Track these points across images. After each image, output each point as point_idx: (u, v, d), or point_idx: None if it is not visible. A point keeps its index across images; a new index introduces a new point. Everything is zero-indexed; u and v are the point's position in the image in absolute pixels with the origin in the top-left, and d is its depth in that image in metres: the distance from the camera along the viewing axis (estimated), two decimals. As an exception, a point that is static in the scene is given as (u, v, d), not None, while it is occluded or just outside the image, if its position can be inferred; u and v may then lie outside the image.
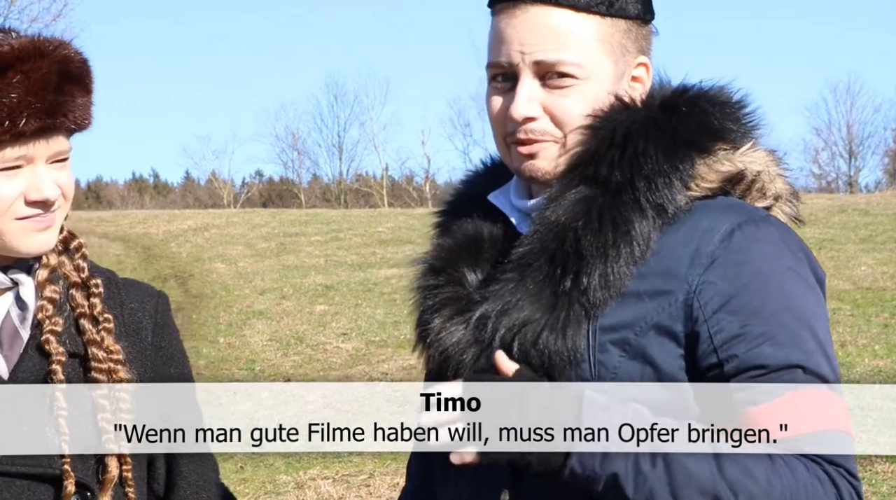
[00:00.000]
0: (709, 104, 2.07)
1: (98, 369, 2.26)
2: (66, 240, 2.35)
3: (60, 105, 2.20)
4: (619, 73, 2.07)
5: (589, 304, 1.96)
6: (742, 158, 2.06)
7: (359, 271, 18.75)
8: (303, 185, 67.56)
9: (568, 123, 2.04)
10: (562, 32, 2.02)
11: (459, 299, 2.08)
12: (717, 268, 1.94)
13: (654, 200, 1.98)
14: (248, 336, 14.39)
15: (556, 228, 1.99)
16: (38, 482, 2.22)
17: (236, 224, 27.86)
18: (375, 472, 8.55)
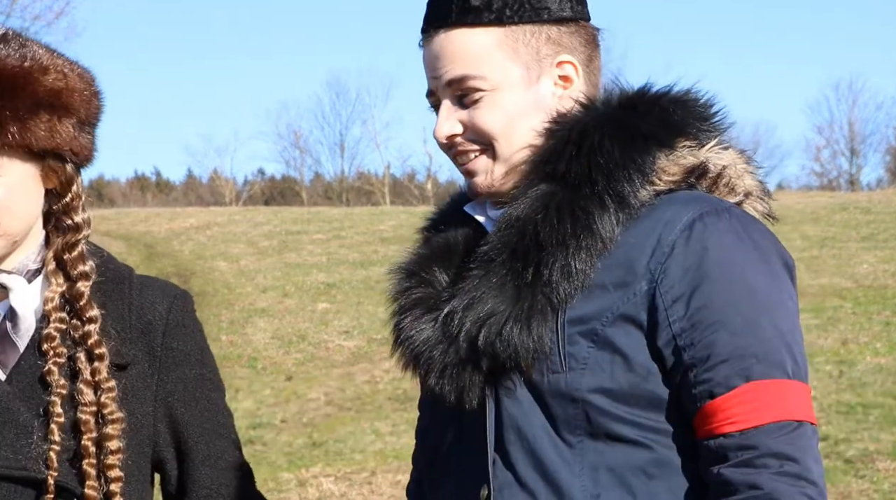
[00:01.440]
0: (670, 102, 2.10)
1: (86, 412, 2.23)
2: (72, 263, 2.31)
3: None
4: (535, 76, 2.10)
5: (553, 296, 1.99)
6: (708, 154, 2.08)
7: (361, 269, 18.76)
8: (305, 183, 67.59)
9: (487, 134, 2.09)
10: (460, 51, 2.09)
11: (429, 299, 2.11)
12: (676, 257, 1.96)
13: (614, 192, 2.00)
14: (250, 334, 14.40)
15: (517, 223, 2.02)
16: (24, 486, 2.21)
17: (238, 222, 27.87)
18: (377, 470, 8.57)
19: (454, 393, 2.03)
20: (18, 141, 2.18)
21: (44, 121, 2.21)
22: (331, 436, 9.70)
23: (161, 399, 2.36)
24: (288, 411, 10.77)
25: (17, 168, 2.22)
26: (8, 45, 2.23)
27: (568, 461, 1.99)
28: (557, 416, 1.99)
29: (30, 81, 2.21)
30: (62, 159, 2.27)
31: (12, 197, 2.22)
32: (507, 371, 2.01)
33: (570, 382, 1.98)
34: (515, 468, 2.01)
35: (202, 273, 19.66)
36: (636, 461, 1.98)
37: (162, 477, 2.43)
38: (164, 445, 2.39)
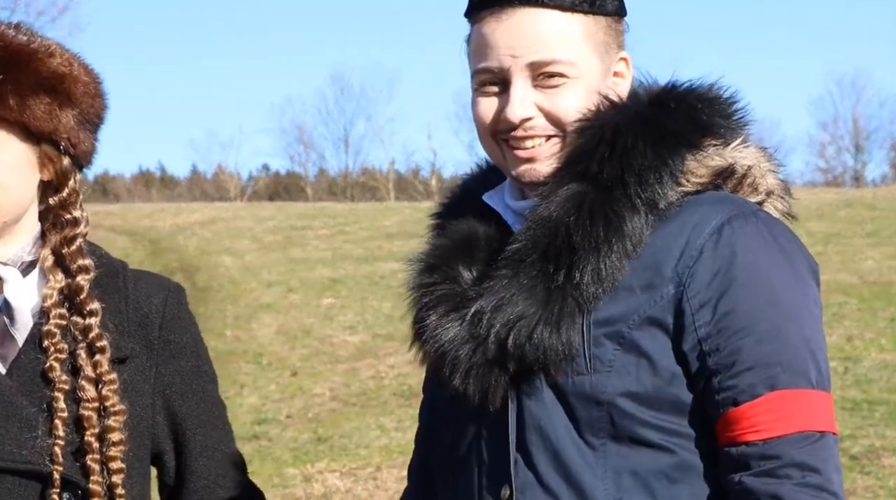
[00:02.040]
0: (697, 100, 2.08)
1: (88, 407, 2.24)
2: (71, 258, 2.31)
3: None
4: (605, 69, 2.09)
5: (582, 298, 1.97)
6: (732, 154, 2.07)
7: (365, 265, 18.76)
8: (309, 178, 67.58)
9: (564, 120, 2.06)
10: (551, 33, 2.04)
11: (454, 296, 2.09)
12: (704, 261, 1.95)
13: (645, 195, 1.99)
14: (255, 329, 14.41)
15: (549, 224, 2.00)
16: (28, 479, 2.21)
17: (243, 218, 27.86)
18: (382, 465, 8.57)
19: (479, 394, 2.02)
20: (17, 116, 2.19)
21: (44, 102, 2.22)
22: (336, 431, 9.71)
23: (159, 392, 2.37)
24: (293, 406, 10.77)
25: (15, 147, 2.22)
26: (18, 31, 2.26)
27: (591, 464, 1.98)
28: (581, 418, 1.98)
29: (34, 60, 2.22)
30: (59, 149, 2.27)
31: (8, 175, 2.22)
32: (533, 373, 2.00)
33: (595, 384, 1.97)
34: (538, 468, 2.00)
35: (207, 268, 19.67)
36: (659, 465, 1.97)
37: (160, 469, 2.44)
38: (162, 437, 2.40)
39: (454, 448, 2.14)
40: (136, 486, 2.33)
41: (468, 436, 2.10)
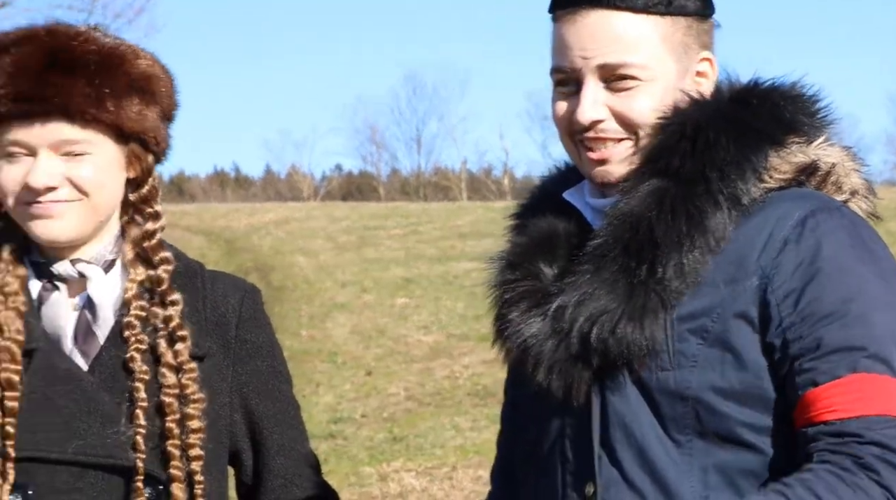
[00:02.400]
0: (780, 98, 2.06)
1: (169, 394, 2.27)
2: (152, 251, 2.35)
3: (41, 90, 2.18)
4: (683, 70, 2.07)
5: (665, 293, 1.96)
6: (816, 151, 2.05)
7: (439, 265, 18.78)
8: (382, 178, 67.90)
9: (636, 123, 2.05)
10: (623, 36, 2.03)
11: (536, 292, 2.08)
12: (788, 253, 1.94)
13: (727, 190, 1.98)
14: (329, 329, 14.49)
15: (630, 219, 1.99)
16: (110, 473, 2.24)
17: (317, 217, 28.04)
18: (458, 465, 8.57)
19: (562, 389, 2.01)
20: (114, 118, 2.23)
21: (135, 103, 2.26)
22: (411, 431, 9.72)
23: (236, 390, 2.40)
24: (368, 405, 10.81)
25: (107, 149, 2.27)
26: (101, 33, 2.29)
27: (676, 461, 1.96)
28: (666, 414, 1.96)
29: (125, 62, 2.26)
30: (146, 147, 2.32)
31: (104, 175, 2.27)
32: (617, 368, 1.98)
33: (679, 379, 1.95)
34: (622, 465, 1.99)
35: (281, 268, 19.81)
36: (745, 462, 1.95)
37: (237, 468, 2.47)
38: (240, 435, 2.42)
39: (537, 445, 2.13)
40: (214, 482, 2.35)
41: (551, 433, 2.09)
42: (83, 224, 2.27)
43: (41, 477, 2.22)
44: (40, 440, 2.21)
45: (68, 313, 2.30)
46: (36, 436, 2.21)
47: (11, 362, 2.22)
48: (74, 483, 2.22)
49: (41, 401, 2.23)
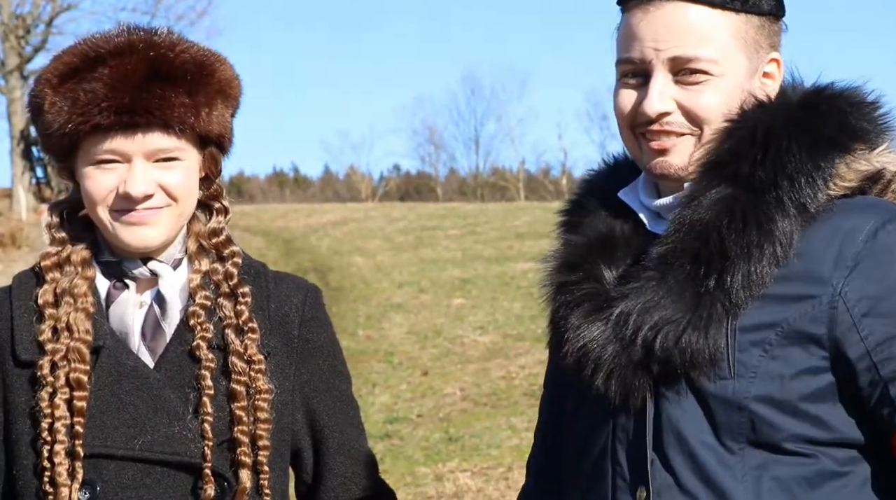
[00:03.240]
0: (846, 104, 2.05)
1: (238, 381, 2.30)
2: (222, 246, 2.40)
3: (144, 102, 2.21)
4: (752, 69, 2.06)
5: (730, 303, 1.95)
6: (879, 158, 2.04)
7: (496, 265, 18.76)
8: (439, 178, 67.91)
9: (703, 118, 2.04)
10: (697, 29, 2.02)
11: (598, 296, 2.08)
12: (862, 270, 1.92)
13: (797, 198, 1.96)
14: (386, 329, 14.51)
15: (699, 228, 1.98)
16: (177, 470, 2.28)
17: (374, 218, 28.12)
18: (514, 465, 8.56)
19: (620, 395, 2.01)
20: (206, 126, 2.28)
21: (219, 108, 2.31)
22: (467, 431, 9.72)
23: (298, 389, 2.42)
24: (424, 405, 10.82)
25: (193, 154, 2.32)
26: (184, 40, 2.32)
27: (730, 468, 1.96)
28: (721, 422, 1.96)
29: (214, 70, 2.31)
30: (222, 148, 2.38)
31: (191, 180, 2.33)
32: (677, 376, 1.98)
33: (737, 389, 1.95)
34: (675, 471, 1.99)
35: (339, 268, 19.89)
36: (800, 471, 1.95)
37: (297, 467, 2.49)
38: (301, 434, 2.45)
39: (586, 448, 2.13)
40: (277, 479, 2.38)
41: (602, 436, 2.09)
42: (172, 229, 2.32)
43: (109, 474, 2.26)
44: (108, 437, 2.26)
45: (136, 311, 2.34)
46: (103, 434, 2.26)
47: (80, 362, 2.27)
48: (142, 480, 2.26)
49: (108, 399, 2.28)
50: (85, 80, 2.22)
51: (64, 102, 2.23)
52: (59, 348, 2.27)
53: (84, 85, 2.22)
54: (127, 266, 2.34)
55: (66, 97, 2.23)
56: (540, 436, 2.36)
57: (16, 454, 2.29)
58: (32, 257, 20.87)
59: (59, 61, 2.28)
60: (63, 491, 2.23)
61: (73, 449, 2.24)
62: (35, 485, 2.26)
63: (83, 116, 2.21)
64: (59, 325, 2.29)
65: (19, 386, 2.29)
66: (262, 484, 2.32)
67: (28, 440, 2.27)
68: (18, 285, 2.37)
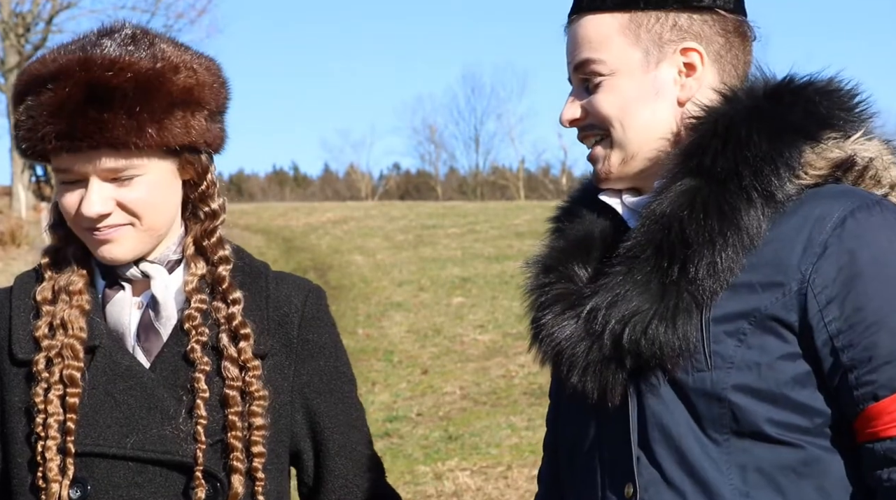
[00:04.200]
0: (815, 93, 2.05)
1: (232, 386, 2.30)
2: (211, 250, 2.38)
3: (81, 127, 2.20)
4: (654, 62, 2.08)
5: (698, 293, 1.96)
6: (854, 146, 2.03)
7: (495, 264, 18.78)
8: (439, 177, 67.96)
9: (604, 117, 2.10)
10: (585, 36, 2.11)
11: (570, 295, 2.09)
12: (829, 257, 1.92)
13: (760, 187, 1.97)
14: (386, 328, 14.52)
15: (662, 219, 1.99)
16: (169, 469, 2.27)
17: (374, 217, 28.14)
18: (513, 464, 8.56)
19: (597, 391, 2.02)
20: (157, 141, 2.24)
21: (178, 118, 2.26)
22: (466, 430, 9.72)
23: (298, 390, 2.41)
24: (424, 404, 10.83)
25: (156, 166, 2.28)
26: (138, 47, 2.28)
27: (715, 459, 1.96)
28: (703, 414, 1.96)
29: (164, 82, 2.25)
30: (197, 151, 2.33)
31: (154, 194, 2.29)
32: (651, 369, 1.99)
33: (715, 380, 1.95)
34: (661, 465, 1.99)
35: (339, 267, 19.90)
36: (785, 460, 1.95)
37: (298, 469, 2.47)
38: (301, 436, 2.43)
39: (576, 447, 2.14)
40: (274, 482, 2.36)
41: (589, 434, 2.10)
42: (140, 245, 2.31)
43: (100, 472, 2.26)
44: (100, 435, 2.26)
45: (132, 312, 2.34)
46: (95, 432, 2.26)
47: (74, 359, 2.27)
48: (133, 479, 2.26)
49: (102, 397, 2.27)
50: (32, 103, 2.25)
51: (20, 122, 2.26)
52: (54, 344, 2.28)
53: (32, 110, 2.24)
54: (120, 268, 2.33)
55: (21, 117, 2.26)
56: (548, 446, 2.37)
57: (11, 450, 2.29)
58: (32, 255, 20.90)
59: (18, 80, 2.31)
60: (54, 487, 2.23)
61: (65, 446, 2.24)
62: (28, 482, 2.26)
63: (30, 141, 2.24)
64: (55, 322, 2.29)
65: (16, 384, 2.29)
66: (257, 490, 2.31)
67: (23, 437, 2.28)
68: (19, 285, 2.38)
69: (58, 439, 2.23)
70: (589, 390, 2.02)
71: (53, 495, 2.23)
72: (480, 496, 8.05)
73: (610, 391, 2.01)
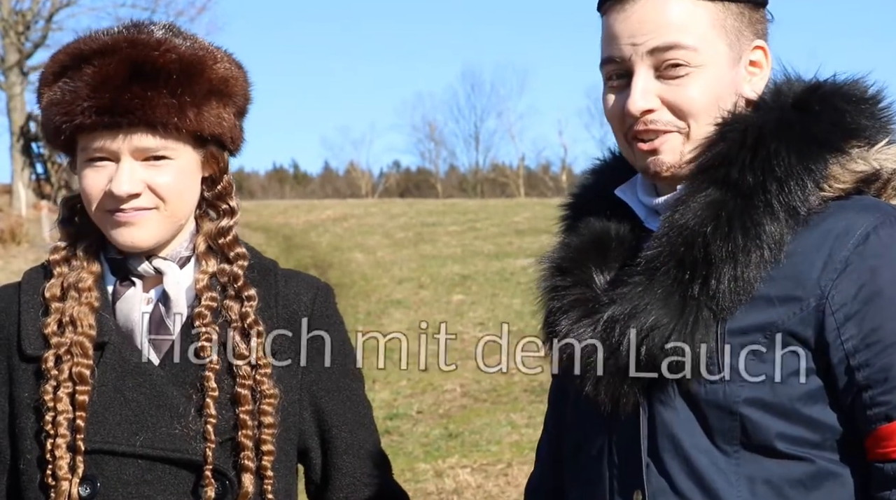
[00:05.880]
0: (843, 101, 2.02)
1: (243, 385, 2.30)
2: (228, 247, 2.39)
3: (125, 102, 2.21)
4: (735, 58, 2.04)
5: (717, 308, 1.94)
6: (877, 156, 2.01)
7: (495, 261, 18.76)
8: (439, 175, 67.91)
9: (689, 112, 2.01)
10: (673, 19, 2.00)
11: (587, 301, 2.07)
12: (850, 274, 1.90)
13: (785, 202, 1.94)
14: (386, 325, 14.51)
15: (685, 233, 1.96)
16: (179, 468, 2.27)
17: (374, 214, 28.12)
18: (513, 461, 8.56)
19: (611, 401, 2.00)
20: (194, 126, 2.26)
21: (214, 107, 2.29)
22: (466, 427, 9.72)
23: (306, 388, 2.41)
24: (424, 402, 10.82)
25: (187, 153, 2.30)
26: (179, 36, 2.32)
27: (724, 471, 1.95)
28: (714, 426, 1.96)
29: (204, 68, 2.29)
30: (223, 146, 2.36)
31: (181, 180, 2.31)
32: (666, 381, 1.97)
33: (728, 393, 1.94)
34: (670, 475, 1.98)
35: (339, 265, 19.89)
36: (794, 473, 1.94)
37: (306, 466, 2.48)
38: (309, 433, 2.43)
39: (583, 448, 2.13)
40: (282, 480, 2.36)
41: (598, 439, 2.09)
42: (162, 231, 2.31)
43: (110, 470, 2.26)
44: (109, 433, 2.26)
45: (142, 308, 2.35)
46: (105, 429, 2.26)
47: (83, 356, 2.27)
48: (142, 476, 2.26)
49: (111, 394, 2.28)
50: (72, 79, 2.25)
51: (54, 100, 2.26)
52: (63, 341, 2.28)
53: (70, 84, 2.24)
54: (131, 263, 2.34)
55: (55, 94, 2.26)
56: (550, 422, 2.36)
57: (20, 447, 2.29)
58: (32, 253, 20.90)
59: (53, 59, 2.31)
60: (63, 485, 2.23)
61: (74, 444, 2.24)
62: (38, 479, 2.27)
63: (67, 115, 2.23)
64: (64, 319, 2.30)
65: (25, 380, 2.30)
66: (266, 488, 2.31)
67: (32, 434, 2.28)
68: (27, 280, 2.39)
69: (67, 436, 2.24)
70: (602, 400, 2.01)
71: (63, 492, 2.24)
72: (481, 494, 8.04)
73: (623, 402, 2.00)
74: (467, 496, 8.04)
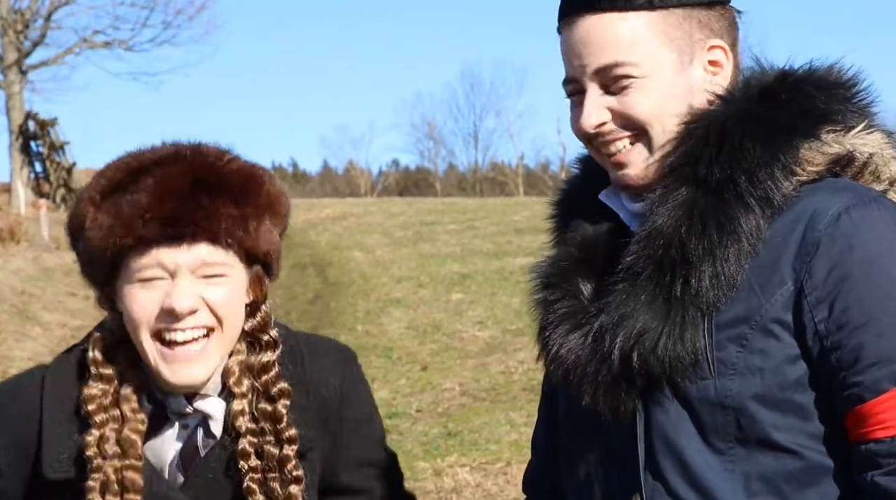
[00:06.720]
0: (813, 87, 2.01)
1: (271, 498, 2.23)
2: (271, 383, 2.26)
3: (190, 213, 2.10)
4: (687, 61, 2.03)
5: (703, 304, 1.94)
6: (853, 140, 2.00)
7: (495, 260, 18.76)
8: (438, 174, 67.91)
9: (639, 121, 2.02)
10: (612, 38, 2.01)
11: (576, 313, 2.07)
12: (821, 256, 1.90)
13: (757, 193, 1.94)
14: (385, 324, 14.51)
15: (661, 235, 1.96)
16: None
17: (373, 213, 28.12)
18: (513, 460, 8.56)
19: (610, 411, 2.00)
20: (253, 241, 2.15)
21: (267, 224, 2.20)
22: (465, 426, 9.72)
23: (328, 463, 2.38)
24: (423, 400, 10.82)
25: (241, 272, 2.20)
26: (231, 152, 2.22)
27: (718, 469, 1.95)
28: (706, 423, 1.95)
29: (260, 183, 2.20)
30: (268, 271, 2.25)
31: (235, 300, 2.20)
32: (660, 384, 1.97)
33: (719, 388, 1.94)
34: (665, 477, 1.98)
35: (338, 264, 19.89)
36: (788, 468, 1.94)
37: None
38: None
39: (580, 452, 2.13)
40: None
41: (595, 444, 2.09)
42: (215, 360, 2.19)
43: None
44: None
45: (175, 445, 2.25)
46: None
47: (133, 491, 2.18)
48: None
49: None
50: (128, 192, 2.11)
51: (106, 217, 2.11)
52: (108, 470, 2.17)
53: (127, 197, 2.10)
54: (172, 406, 2.22)
55: (108, 211, 2.12)
56: (545, 409, 2.36)
57: None
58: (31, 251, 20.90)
59: (101, 176, 2.18)
60: None
61: None
62: None
63: (126, 229, 2.09)
64: (109, 440, 2.17)
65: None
66: None
67: None
68: (54, 384, 2.24)
69: None
70: (602, 409, 2.01)
71: None
72: (480, 493, 8.05)
73: (622, 410, 2.00)
74: (466, 494, 8.04)
